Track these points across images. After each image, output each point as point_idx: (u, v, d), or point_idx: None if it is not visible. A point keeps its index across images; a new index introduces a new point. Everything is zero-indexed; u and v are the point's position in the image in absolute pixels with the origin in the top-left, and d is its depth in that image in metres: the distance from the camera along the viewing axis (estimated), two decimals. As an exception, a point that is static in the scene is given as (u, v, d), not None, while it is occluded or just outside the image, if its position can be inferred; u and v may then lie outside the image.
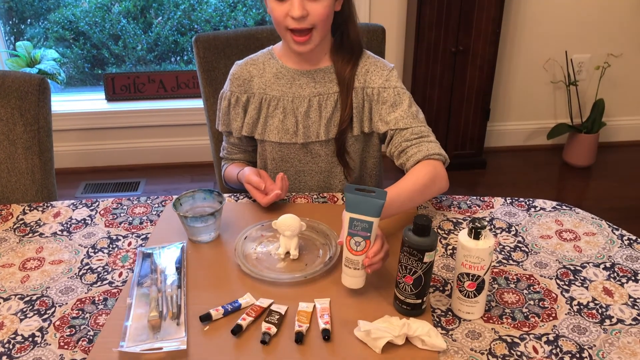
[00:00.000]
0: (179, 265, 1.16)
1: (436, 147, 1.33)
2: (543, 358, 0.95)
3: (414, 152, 1.33)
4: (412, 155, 1.33)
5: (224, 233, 1.27)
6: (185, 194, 1.27)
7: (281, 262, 1.17)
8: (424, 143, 1.33)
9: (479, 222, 0.96)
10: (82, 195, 2.99)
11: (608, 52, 3.16)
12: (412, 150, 1.33)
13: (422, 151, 1.32)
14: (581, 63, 3.18)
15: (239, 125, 1.47)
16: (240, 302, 1.06)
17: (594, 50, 3.16)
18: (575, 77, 3.14)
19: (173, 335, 0.98)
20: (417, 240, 0.97)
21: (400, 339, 0.95)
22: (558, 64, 3.17)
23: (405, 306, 1.02)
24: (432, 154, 1.31)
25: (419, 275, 0.98)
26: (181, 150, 3.26)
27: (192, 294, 1.09)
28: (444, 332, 1.00)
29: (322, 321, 1.00)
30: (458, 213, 1.34)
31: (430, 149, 1.32)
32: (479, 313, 1.03)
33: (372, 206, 1.01)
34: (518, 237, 1.25)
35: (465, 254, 0.98)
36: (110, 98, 3.21)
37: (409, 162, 1.33)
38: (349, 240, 1.03)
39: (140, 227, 1.32)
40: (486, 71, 2.94)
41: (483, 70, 2.93)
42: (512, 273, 1.14)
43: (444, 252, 1.21)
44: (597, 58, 3.17)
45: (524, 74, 3.21)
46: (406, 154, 1.34)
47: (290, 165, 1.49)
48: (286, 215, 1.18)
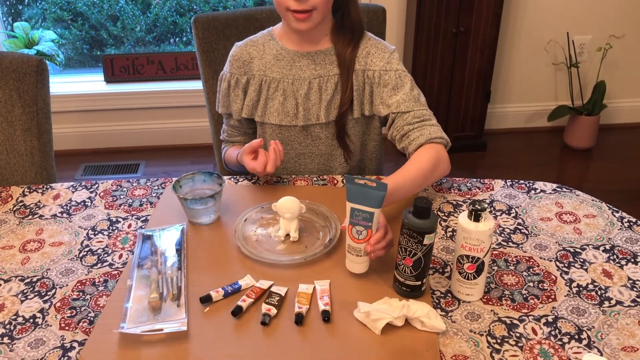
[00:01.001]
0: (179, 247, 1.16)
1: (438, 130, 1.33)
2: (542, 339, 0.95)
3: (416, 136, 1.32)
4: (414, 140, 1.32)
5: (223, 215, 1.27)
6: (185, 176, 1.27)
7: (281, 244, 1.17)
8: (425, 127, 1.33)
9: (479, 204, 0.96)
10: (82, 177, 2.98)
11: (610, 33, 3.14)
12: (414, 134, 1.33)
13: (424, 135, 1.31)
14: (582, 44, 3.16)
15: (238, 108, 1.46)
16: (241, 283, 1.06)
17: (595, 31, 3.14)
18: (576, 59, 3.13)
19: (173, 317, 0.98)
20: (417, 222, 0.97)
21: (399, 321, 0.96)
22: (559, 45, 3.15)
23: (405, 288, 1.02)
24: (434, 137, 1.31)
25: (419, 257, 0.99)
26: (181, 132, 3.25)
27: (192, 276, 1.09)
28: (443, 313, 1.00)
29: (322, 303, 1.01)
30: (458, 195, 1.34)
31: (432, 132, 1.31)
32: (479, 295, 1.03)
33: (373, 197, 1.00)
34: (518, 219, 1.25)
35: (465, 236, 0.98)
36: (109, 80, 3.19)
37: (410, 146, 1.32)
38: (351, 229, 1.03)
39: (140, 209, 1.32)
40: (487, 53, 2.92)
41: (484, 52, 2.91)
42: (512, 255, 1.14)
43: (443, 234, 1.21)
44: (598, 39, 3.15)
45: (525, 55, 3.19)
46: (408, 138, 1.34)
47: (291, 148, 1.48)
48: (286, 198, 1.17)
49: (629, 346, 0.94)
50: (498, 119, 3.35)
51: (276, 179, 1.42)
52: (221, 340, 0.95)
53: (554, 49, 3.17)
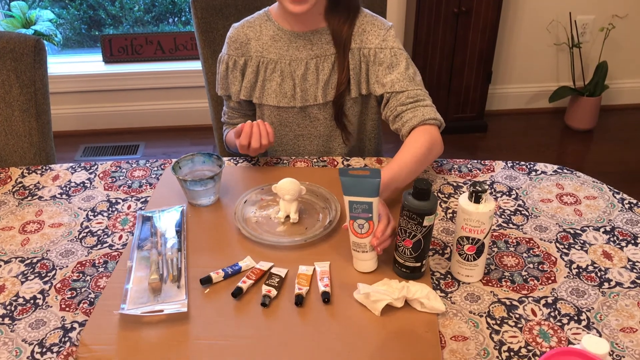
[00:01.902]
0: (179, 228, 1.16)
1: (432, 111, 1.31)
2: (541, 320, 0.95)
3: (409, 118, 1.31)
4: (408, 121, 1.31)
5: (223, 197, 1.27)
6: (184, 157, 1.26)
7: (281, 226, 1.17)
8: (419, 108, 1.31)
9: (480, 186, 0.96)
10: (81, 158, 2.98)
11: (613, 13, 3.11)
12: (408, 115, 1.31)
13: (418, 116, 1.30)
14: (585, 24, 3.13)
15: (237, 89, 1.45)
16: (241, 265, 1.06)
17: (598, 11, 3.11)
18: (578, 39, 3.10)
19: (174, 298, 0.99)
20: (417, 204, 0.96)
21: (399, 302, 0.96)
22: (561, 25, 3.12)
23: (405, 269, 1.02)
24: (428, 119, 1.29)
25: (419, 239, 0.99)
26: (180, 113, 3.24)
27: (192, 257, 1.09)
28: (443, 294, 1.01)
29: (322, 284, 1.01)
30: (458, 177, 1.34)
31: (426, 113, 1.30)
32: (478, 276, 1.03)
33: (368, 186, 0.99)
34: (518, 200, 1.25)
35: (466, 217, 0.97)
36: (108, 60, 3.17)
37: (404, 127, 1.31)
38: (352, 224, 1.02)
39: (140, 190, 1.32)
40: (488, 33, 2.89)
41: (485, 32, 2.89)
42: (512, 237, 1.14)
43: (444, 216, 1.21)
44: (601, 19, 3.13)
45: (527, 36, 3.16)
46: (401, 119, 1.32)
47: (289, 130, 1.48)
48: (286, 179, 1.17)
49: (627, 327, 0.94)
50: (499, 100, 3.33)
51: (276, 160, 1.41)
52: (221, 321, 0.95)
53: (556, 29, 3.14)
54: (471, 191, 0.96)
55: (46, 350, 0.92)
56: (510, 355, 0.90)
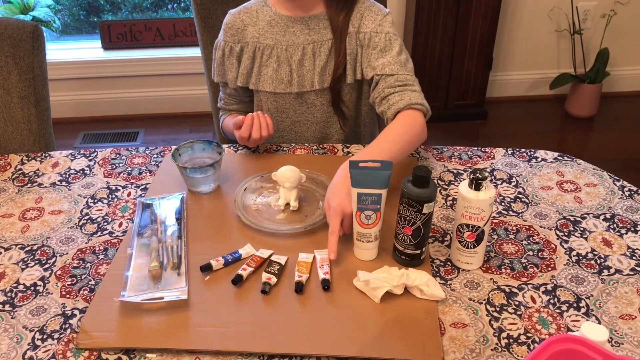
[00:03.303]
0: (179, 215, 1.16)
1: (419, 97, 1.29)
2: (541, 307, 0.96)
3: (395, 101, 1.29)
4: (394, 104, 1.29)
5: (223, 184, 1.27)
6: (184, 144, 1.26)
7: (281, 214, 1.17)
8: (407, 92, 1.29)
9: (480, 173, 0.96)
10: (81, 145, 2.97)
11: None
12: (394, 98, 1.29)
13: (404, 100, 1.28)
14: (587, 11, 3.11)
15: (233, 76, 1.45)
16: (241, 252, 1.06)
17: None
18: (580, 26, 3.08)
19: (174, 285, 0.99)
20: (416, 191, 0.96)
21: (399, 289, 0.96)
22: (563, 12, 3.10)
23: (404, 257, 1.03)
24: (414, 103, 1.27)
25: (418, 226, 0.99)
26: (179, 100, 3.23)
27: (192, 245, 1.10)
28: (442, 282, 1.01)
29: (322, 271, 1.01)
30: (459, 164, 1.33)
31: (413, 98, 1.28)
32: (478, 263, 1.04)
33: (379, 178, 0.99)
34: (519, 188, 1.25)
35: (466, 205, 0.97)
36: (107, 47, 3.16)
37: (389, 110, 1.29)
38: (359, 215, 1.02)
39: (140, 177, 1.32)
40: (489, 19, 2.88)
41: (486, 18, 2.87)
42: (512, 224, 1.14)
43: (443, 203, 1.21)
44: (603, 5, 3.11)
45: (528, 22, 3.14)
46: (387, 102, 1.30)
47: (286, 116, 1.47)
48: (286, 167, 1.17)
49: (626, 314, 0.94)
50: (499, 87, 3.32)
51: (276, 148, 1.41)
52: (221, 308, 0.96)
53: (557, 16, 3.12)
54: (471, 178, 0.96)
55: (47, 337, 0.93)
56: (509, 342, 0.90)
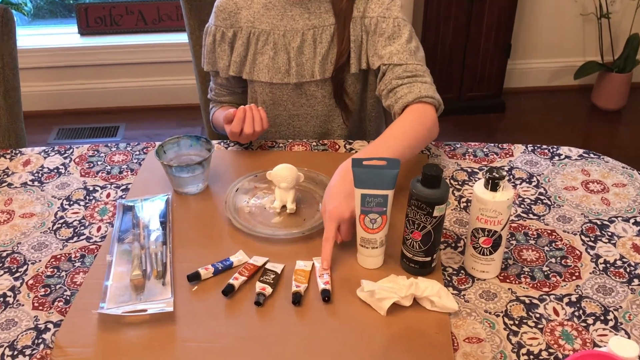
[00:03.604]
0: (164, 219, 1.16)
1: (430, 89, 1.29)
2: (564, 321, 0.96)
3: (404, 93, 1.29)
4: (402, 97, 1.28)
5: (213, 184, 1.27)
6: (169, 140, 1.26)
7: (277, 217, 1.17)
8: (416, 83, 1.29)
9: (497, 172, 0.96)
10: (55, 141, 2.98)
11: (646, -21, 3.09)
12: (403, 90, 1.29)
13: (414, 92, 1.27)
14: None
15: (225, 64, 1.45)
16: (232, 260, 1.06)
17: (630, -23, 3.10)
18: (607, 9, 3.08)
19: (158, 296, 0.99)
20: (426, 192, 0.96)
21: (407, 300, 0.96)
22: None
23: (413, 264, 1.03)
24: (425, 96, 1.27)
25: (428, 230, 0.99)
26: (164, 91, 3.23)
27: (178, 251, 1.10)
28: (455, 292, 1.01)
29: (322, 281, 1.01)
30: (473, 162, 1.33)
31: (423, 90, 1.28)
32: (495, 272, 1.04)
33: (385, 178, 0.98)
34: (540, 188, 1.25)
35: (481, 207, 0.98)
36: (84, 32, 3.16)
37: (397, 104, 1.29)
38: (363, 219, 1.02)
39: (120, 176, 1.32)
40: (508, 2, 2.88)
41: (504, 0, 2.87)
42: (532, 228, 1.15)
43: (456, 206, 1.21)
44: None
45: (551, 5, 3.15)
46: (395, 95, 1.30)
47: (283, 109, 1.47)
48: (282, 165, 1.17)
49: (659, 328, 0.94)
50: (518, 77, 3.32)
51: (271, 144, 1.41)
52: (211, 321, 0.96)
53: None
54: (487, 178, 0.96)
55: (18, 353, 0.93)
56: (529, 359, 0.90)
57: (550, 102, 3.27)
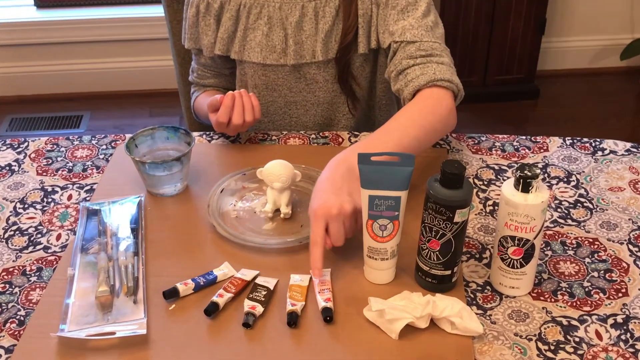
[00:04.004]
0: (135, 225, 1.16)
1: (447, 71, 1.28)
2: (608, 345, 0.96)
3: (415, 75, 1.27)
4: (413, 80, 1.27)
5: (193, 184, 1.27)
6: (142, 132, 1.26)
7: (269, 223, 1.18)
8: (431, 64, 1.28)
9: (529, 170, 0.96)
10: (7, 133, 2.98)
11: None
12: (415, 72, 1.28)
13: (427, 74, 1.26)
14: (669, -43, 3.12)
15: (210, 41, 1.45)
16: (216, 273, 1.06)
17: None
18: (660, -23, 3.09)
19: (129, 317, 0.99)
20: (446, 194, 0.96)
21: (423, 321, 0.96)
22: (638, -42, 3.11)
23: (430, 279, 1.03)
24: (440, 79, 1.25)
25: (448, 239, 0.99)
26: (136, 74, 3.23)
27: (152, 263, 1.10)
28: (480, 312, 1.01)
29: (322, 298, 1.01)
30: (501, 158, 1.34)
31: (438, 72, 1.26)
32: (527, 288, 1.04)
33: (397, 177, 0.98)
34: (580, 189, 1.25)
35: (511, 211, 0.98)
36: (41, 4, 3.16)
37: (407, 88, 1.27)
38: (371, 225, 1.01)
39: (84, 175, 1.32)
40: (542, -32, 2.89)
41: (538, -34, 2.88)
42: (571, 236, 1.15)
43: (481, 209, 1.21)
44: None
45: (593, -28, 3.15)
46: (406, 77, 1.29)
47: (279, 95, 1.48)
48: (275, 162, 1.17)
49: None
50: (555, 57, 3.33)
51: (263, 136, 1.41)
52: (191, 346, 0.96)
53: (630, -36, 3.14)
54: (518, 177, 0.96)
55: (-37, 384, 0.93)
56: (567, 391, 0.90)
57: (592, 88, 3.27)
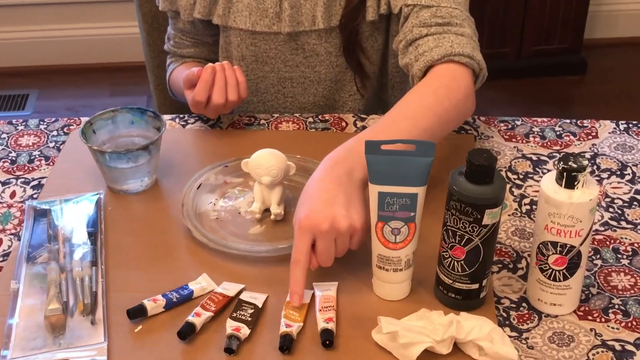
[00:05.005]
0: (93, 229, 1.16)
1: (467, 44, 1.25)
2: (671, 375, 0.96)
3: (428, 48, 1.25)
4: (425, 53, 1.25)
5: (164, 179, 1.27)
6: (101, 115, 1.26)
7: (256, 226, 1.18)
8: (448, 35, 1.26)
9: (575, 161, 0.96)
10: (-64, 116, 2.98)
11: None
12: (428, 43, 1.26)
13: (443, 47, 1.24)
14: None
15: (189, 2, 1.45)
16: (192, 288, 1.06)
17: None
18: None
19: (85, 341, 0.99)
20: (473, 190, 0.96)
21: (445, 346, 0.96)
22: None
23: (454, 294, 1.03)
24: (457, 53, 1.23)
25: (476, 245, 0.99)
26: (93, 44, 3.23)
27: (114, 276, 1.10)
28: (514, 334, 1.01)
29: (323, 318, 1.01)
30: (540, 146, 1.34)
31: (457, 45, 1.24)
32: (571, 305, 1.04)
33: (413, 169, 0.98)
34: (636, 184, 1.25)
35: (552, 211, 0.98)
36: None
37: (417, 63, 1.26)
38: (381, 229, 1.01)
39: (30, 167, 1.32)
40: None
41: None
42: (626, 242, 1.15)
43: (516, 209, 1.21)
44: None
45: None
46: (417, 49, 1.27)
47: (271, 70, 1.48)
48: (264, 151, 1.17)
49: None
50: (605, 24, 3.32)
51: (249, 120, 1.41)
52: (162, 376, 0.96)
53: None
54: (561, 169, 0.96)
55: None
56: None
57: (650, 60, 3.28)
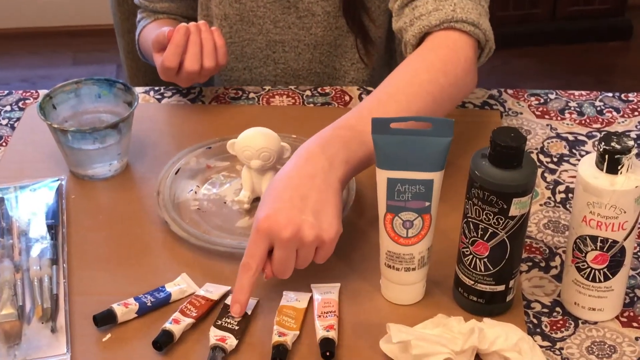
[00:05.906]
0: (54, 221, 1.16)
1: (473, 10, 1.24)
2: None
3: (426, 11, 1.24)
4: (422, 17, 1.24)
5: (136, 162, 1.28)
6: (62, 87, 1.26)
7: (245, 217, 1.18)
8: None
9: (618, 142, 0.96)
10: None
11: None
12: (426, 6, 1.25)
13: (443, 11, 1.23)
14: None
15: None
16: (170, 290, 1.07)
17: None
18: None
19: (45, 351, 0.99)
20: (499, 176, 0.96)
21: (465, 358, 0.97)
22: None
23: (476, 297, 1.03)
24: (460, 19, 1.22)
25: (501, 240, 0.99)
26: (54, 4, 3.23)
27: (79, 276, 1.10)
28: (547, 344, 1.02)
29: (323, 325, 1.01)
30: (577, 124, 1.34)
31: (460, 10, 1.23)
32: (614, 310, 1.04)
33: (429, 151, 0.98)
34: (689, 169, 1.26)
35: (592, 200, 0.98)
36: None
37: (412, 28, 1.25)
38: (391, 221, 1.02)
39: (-21, 150, 1.32)
40: None
41: None
42: (677, 237, 1.15)
43: (549, 198, 1.21)
44: None
45: None
46: (413, 12, 1.26)
47: (258, 31, 1.48)
48: (254, 130, 1.18)
49: None
50: (655, -21, 3.33)
51: (235, 93, 1.41)
52: (134, 393, 0.97)
53: None
54: (602, 151, 0.96)
55: None
56: None
57: None
